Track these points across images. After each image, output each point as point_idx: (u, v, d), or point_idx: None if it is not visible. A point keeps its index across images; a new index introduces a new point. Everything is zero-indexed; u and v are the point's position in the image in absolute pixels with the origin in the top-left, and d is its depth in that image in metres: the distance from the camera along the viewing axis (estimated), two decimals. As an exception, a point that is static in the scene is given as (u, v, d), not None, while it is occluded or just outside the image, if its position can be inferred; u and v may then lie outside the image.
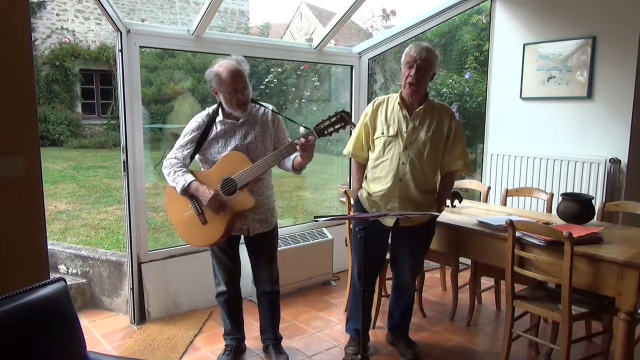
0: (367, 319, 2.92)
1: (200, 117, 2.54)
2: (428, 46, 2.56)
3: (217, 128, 2.51)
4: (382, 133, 2.62)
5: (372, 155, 2.69)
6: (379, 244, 2.72)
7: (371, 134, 2.68)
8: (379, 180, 2.64)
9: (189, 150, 2.51)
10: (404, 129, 2.59)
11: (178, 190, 2.44)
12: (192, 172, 2.49)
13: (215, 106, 2.56)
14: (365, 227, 2.30)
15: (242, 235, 2.63)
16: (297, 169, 2.52)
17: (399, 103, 2.62)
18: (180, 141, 2.54)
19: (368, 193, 2.69)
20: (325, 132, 2.34)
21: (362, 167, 2.76)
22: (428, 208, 2.64)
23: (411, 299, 2.87)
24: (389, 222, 2.64)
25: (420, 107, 2.61)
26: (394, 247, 2.79)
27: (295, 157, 2.49)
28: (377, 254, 2.76)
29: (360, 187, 2.76)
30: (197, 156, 2.56)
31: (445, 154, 2.65)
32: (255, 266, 2.72)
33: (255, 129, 2.51)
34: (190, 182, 2.42)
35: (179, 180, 2.44)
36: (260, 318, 2.82)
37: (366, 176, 2.74)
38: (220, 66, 2.42)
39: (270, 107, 2.59)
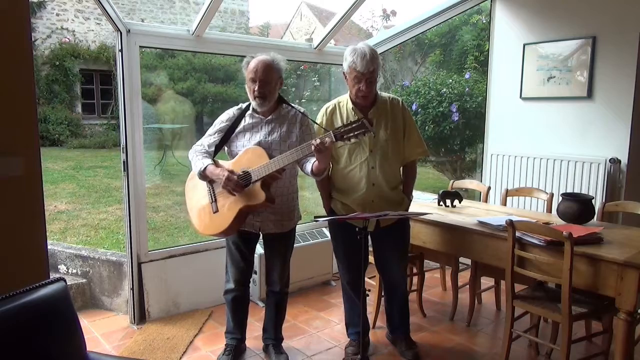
0: (365, 320, 2.91)
1: (232, 110, 2.62)
2: (371, 53, 2.48)
3: (246, 121, 2.56)
4: None
5: (339, 165, 2.66)
6: (360, 247, 2.70)
7: None
8: (352, 189, 2.63)
9: (215, 139, 2.56)
10: None
11: (196, 172, 2.49)
12: (214, 161, 2.53)
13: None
14: (365, 227, 2.30)
15: (261, 234, 2.65)
16: (316, 173, 2.47)
17: (352, 108, 2.61)
18: (210, 130, 2.61)
19: (342, 202, 2.68)
20: (344, 137, 2.26)
21: (327, 179, 2.72)
22: (400, 203, 2.67)
23: (405, 298, 2.87)
24: (371, 226, 2.61)
25: (373, 108, 2.61)
26: (377, 248, 2.79)
27: (315, 161, 2.46)
28: (360, 256, 2.75)
29: (331, 198, 2.75)
30: (225, 149, 2.60)
31: (405, 146, 2.67)
32: (268, 265, 2.74)
33: (282, 128, 2.53)
34: (207, 165, 2.45)
35: (198, 163, 2.48)
36: (265, 316, 2.84)
37: (335, 187, 2.72)
38: (255, 55, 2.49)
39: (302, 110, 2.61)
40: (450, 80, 6.34)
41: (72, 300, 1.71)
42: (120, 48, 2.98)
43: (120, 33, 2.96)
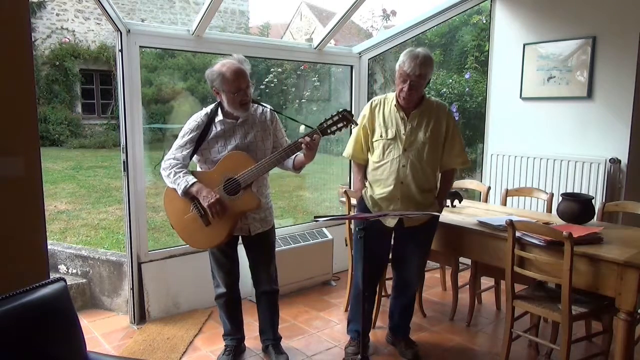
0: (368, 320, 2.91)
1: (198, 117, 2.51)
2: (424, 57, 2.47)
3: (217, 128, 2.48)
4: (381, 136, 2.62)
5: (372, 158, 2.68)
6: (382, 245, 2.72)
7: (370, 136, 2.67)
8: (380, 183, 2.65)
9: (188, 151, 2.48)
10: (402, 131, 2.58)
11: (179, 192, 2.40)
12: (192, 173, 2.47)
13: (213, 106, 2.54)
14: (366, 227, 2.30)
15: (240, 236, 2.62)
16: (298, 167, 2.52)
17: (395, 105, 2.62)
18: (179, 141, 2.50)
19: (370, 194, 2.70)
20: (329, 131, 2.35)
21: (363, 167, 2.76)
22: (428, 207, 2.64)
23: (412, 298, 2.88)
24: (391, 223, 2.64)
25: (417, 109, 2.60)
26: (398, 247, 2.79)
27: (297, 156, 2.49)
28: (380, 255, 2.76)
29: (363, 186, 2.76)
30: (195, 156, 2.54)
31: (444, 153, 2.65)
32: (255, 266, 2.71)
33: (255, 128, 2.51)
34: (192, 184, 2.39)
35: (180, 181, 2.40)
36: (259, 318, 2.82)
37: (367, 177, 2.74)
38: (224, 65, 2.40)
39: (268, 106, 2.59)
40: (450, 80, 6.34)
41: (72, 300, 1.71)
42: (120, 48, 2.98)
43: (120, 33, 2.96)
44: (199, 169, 2.57)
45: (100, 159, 9.09)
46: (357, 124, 2.57)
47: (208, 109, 2.54)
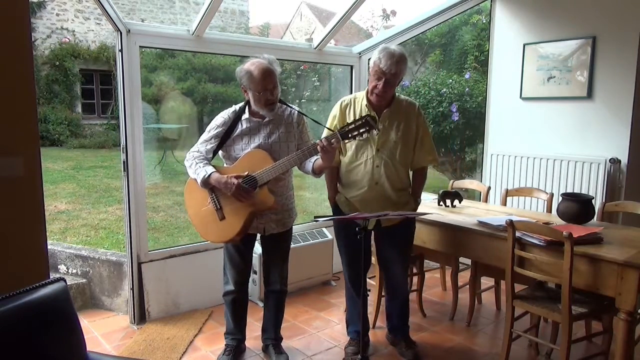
0: (366, 320, 2.90)
1: (226, 114, 2.56)
2: (400, 56, 2.49)
3: (243, 125, 2.52)
4: None
5: (345, 160, 2.67)
6: (361, 245, 2.71)
7: None
8: (354, 185, 2.64)
9: (212, 145, 2.53)
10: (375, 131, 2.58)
11: (199, 181, 2.44)
12: (214, 167, 2.50)
13: (242, 104, 2.58)
14: (365, 227, 2.30)
15: (259, 234, 2.64)
16: (317, 172, 2.51)
17: (366, 105, 2.61)
18: (205, 136, 2.55)
19: (345, 197, 2.69)
20: (350, 136, 2.31)
21: (335, 170, 2.73)
22: (404, 205, 2.66)
23: (406, 298, 2.87)
24: (370, 224, 2.63)
25: (388, 108, 2.60)
26: (380, 248, 2.80)
27: (316, 159, 2.48)
28: (362, 256, 2.75)
29: (336, 192, 2.75)
30: (220, 152, 2.58)
31: (415, 151, 2.66)
32: (267, 265, 2.74)
33: (280, 129, 2.52)
34: (211, 173, 2.42)
35: (200, 171, 2.44)
36: (264, 316, 2.84)
37: (340, 180, 2.73)
38: (252, 64, 2.43)
39: (297, 108, 2.60)
40: (450, 80, 6.34)
41: (72, 300, 1.71)
42: (120, 48, 2.98)
43: (120, 33, 2.96)
44: (225, 165, 2.59)
45: (100, 159, 9.08)
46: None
47: (237, 106, 2.59)
